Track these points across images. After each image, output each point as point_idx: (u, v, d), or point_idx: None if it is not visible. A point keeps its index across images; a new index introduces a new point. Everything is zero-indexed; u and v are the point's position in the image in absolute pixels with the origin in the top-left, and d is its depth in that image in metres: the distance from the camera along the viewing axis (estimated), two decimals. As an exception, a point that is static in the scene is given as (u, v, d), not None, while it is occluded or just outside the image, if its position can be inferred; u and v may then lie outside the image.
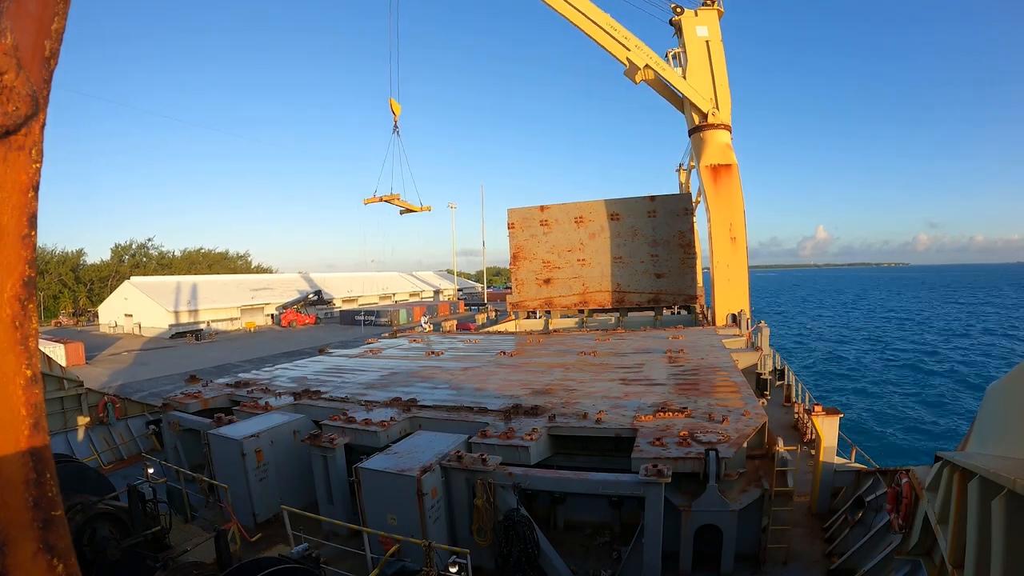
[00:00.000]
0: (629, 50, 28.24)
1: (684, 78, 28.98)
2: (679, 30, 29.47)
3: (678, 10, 29.28)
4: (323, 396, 14.14)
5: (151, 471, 10.72)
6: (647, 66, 28.27)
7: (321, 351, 23.70)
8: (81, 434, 16.14)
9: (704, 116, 28.52)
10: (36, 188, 1.47)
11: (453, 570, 6.46)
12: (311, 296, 78.76)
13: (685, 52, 29.24)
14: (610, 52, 28.69)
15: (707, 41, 28.86)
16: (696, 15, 29.02)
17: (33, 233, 1.49)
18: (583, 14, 27.66)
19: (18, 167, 1.43)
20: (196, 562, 7.72)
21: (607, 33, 28.04)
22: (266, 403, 13.48)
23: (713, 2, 29.38)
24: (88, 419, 16.58)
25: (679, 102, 29.90)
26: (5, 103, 1.34)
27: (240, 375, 18.03)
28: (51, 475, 1.53)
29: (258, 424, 11.85)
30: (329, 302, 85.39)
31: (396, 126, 30.32)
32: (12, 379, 1.45)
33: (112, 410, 16.87)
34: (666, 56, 30.40)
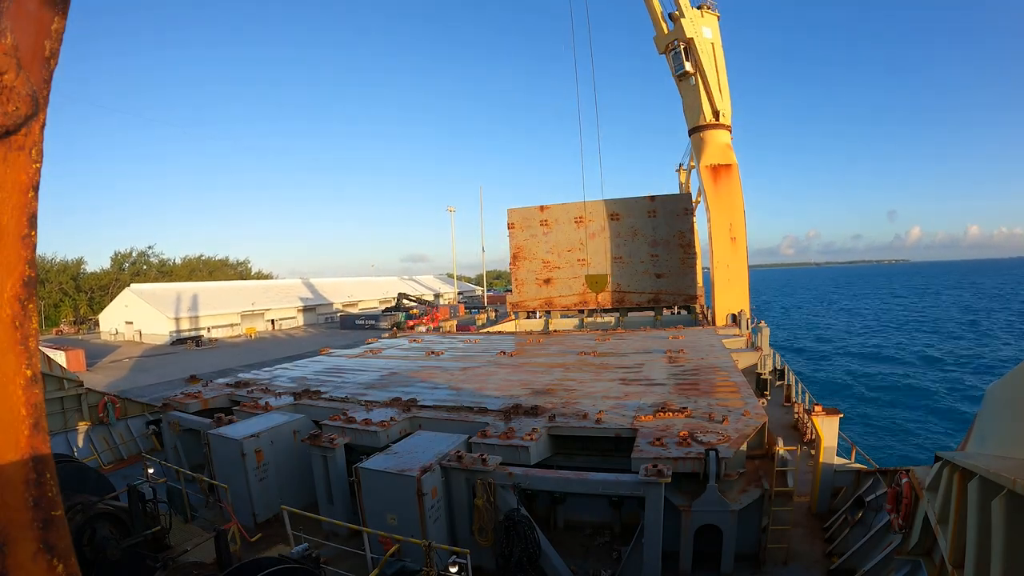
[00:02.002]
0: (683, 16, 28.25)
1: (689, 75, 29.03)
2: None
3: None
4: (323, 396, 14.14)
5: (151, 471, 10.71)
6: (691, 39, 28.16)
7: (321, 352, 23.70)
8: (81, 434, 16.15)
9: (717, 113, 28.58)
10: (36, 188, 1.47)
11: (453, 570, 6.45)
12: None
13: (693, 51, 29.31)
14: (653, 11, 28.94)
15: (712, 43, 28.94)
16: (702, 16, 29.07)
17: (33, 233, 1.49)
18: None
19: (18, 167, 1.43)
20: (196, 562, 7.71)
21: None
22: (266, 403, 13.48)
23: (709, 7, 29.48)
24: (88, 420, 16.60)
25: (689, 89, 29.68)
26: (5, 103, 1.34)
27: (240, 375, 18.03)
28: (51, 475, 1.53)
29: (258, 424, 11.85)
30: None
31: None
32: (12, 379, 1.45)
33: (112, 410, 16.87)
34: (667, 56, 30.48)
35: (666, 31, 29.23)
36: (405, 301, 73.83)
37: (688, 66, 28.93)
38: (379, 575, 7.05)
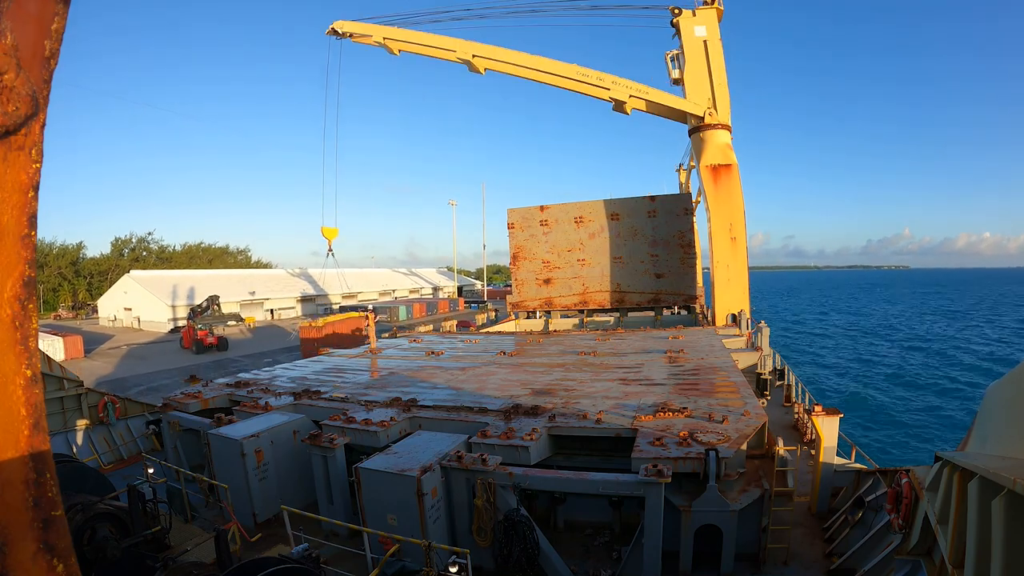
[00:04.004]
0: (608, 89, 28.70)
1: (682, 80, 29.03)
2: (678, 31, 29.51)
3: (676, 11, 29.32)
4: (323, 396, 14.14)
5: (151, 471, 10.71)
6: (632, 96, 28.59)
7: (321, 351, 23.71)
8: (81, 434, 16.14)
9: (702, 119, 28.56)
10: (36, 188, 1.47)
11: (453, 570, 6.46)
12: (202, 304, 51.62)
13: (683, 53, 29.25)
14: (592, 96, 29.37)
15: (705, 41, 28.85)
16: (694, 15, 29.02)
17: (33, 233, 1.49)
18: (551, 74, 28.84)
19: (18, 167, 1.43)
20: (196, 562, 7.71)
21: (581, 82, 28.71)
22: (266, 403, 13.48)
23: (713, 1, 29.38)
24: (88, 420, 16.60)
25: (678, 114, 29.80)
26: (5, 103, 1.33)
27: (240, 375, 18.04)
28: (51, 475, 1.53)
29: (258, 424, 11.84)
30: (234, 315, 59.39)
31: (330, 251, 31.43)
32: (12, 379, 1.45)
33: (112, 410, 16.87)
34: (664, 59, 30.46)
35: (613, 102, 29.34)
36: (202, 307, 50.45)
37: (676, 74, 29.41)
38: (379, 575, 7.06)
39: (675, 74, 29.56)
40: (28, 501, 1.47)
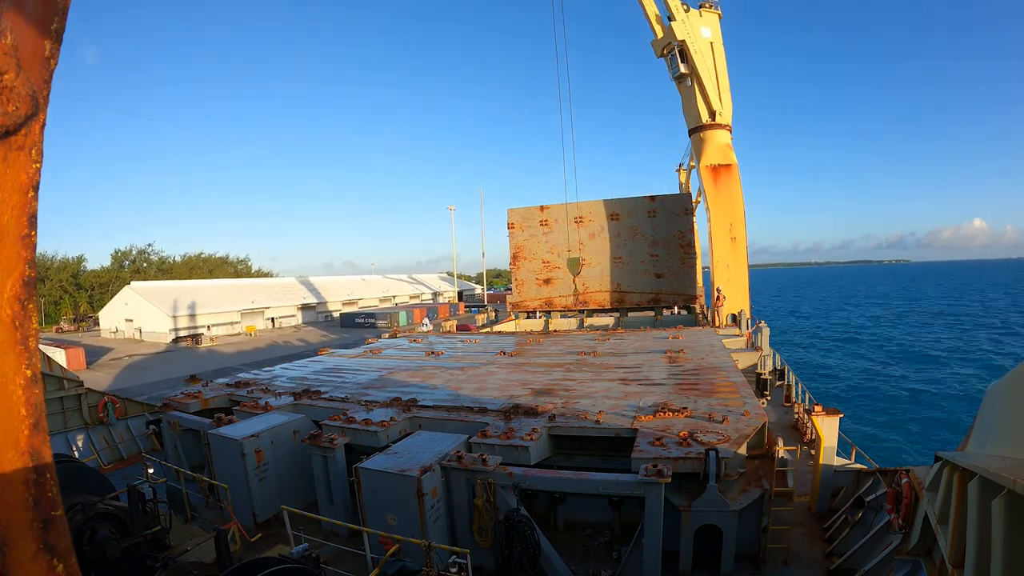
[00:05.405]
0: (674, 19, 27.75)
1: (686, 79, 29.06)
2: None
3: (684, 8, 29.32)
4: (323, 396, 14.15)
5: (151, 471, 10.72)
6: (683, 42, 27.77)
7: (321, 351, 23.72)
8: (81, 434, 16.15)
9: (713, 114, 28.55)
10: (36, 188, 1.47)
11: (453, 570, 6.46)
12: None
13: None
14: (648, 15, 28.48)
15: (711, 43, 28.90)
16: (700, 15, 29.05)
17: (33, 233, 1.49)
18: None
19: (18, 167, 1.43)
20: (196, 562, 7.71)
21: None
22: (266, 403, 13.48)
23: (710, 5, 29.45)
24: (88, 420, 16.60)
25: (687, 91, 29.53)
26: (5, 103, 1.33)
27: (240, 375, 18.04)
28: (51, 475, 1.53)
29: (258, 424, 11.85)
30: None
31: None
32: (12, 379, 1.45)
33: (112, 410, 16.88)
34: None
35: (660, 35, 29.09)
36: None
37: (683, 68, 28.96)
38: (379, 575, 7.06)
39: (683, 68, 29.32)
40: (28, 501, 1.47)
